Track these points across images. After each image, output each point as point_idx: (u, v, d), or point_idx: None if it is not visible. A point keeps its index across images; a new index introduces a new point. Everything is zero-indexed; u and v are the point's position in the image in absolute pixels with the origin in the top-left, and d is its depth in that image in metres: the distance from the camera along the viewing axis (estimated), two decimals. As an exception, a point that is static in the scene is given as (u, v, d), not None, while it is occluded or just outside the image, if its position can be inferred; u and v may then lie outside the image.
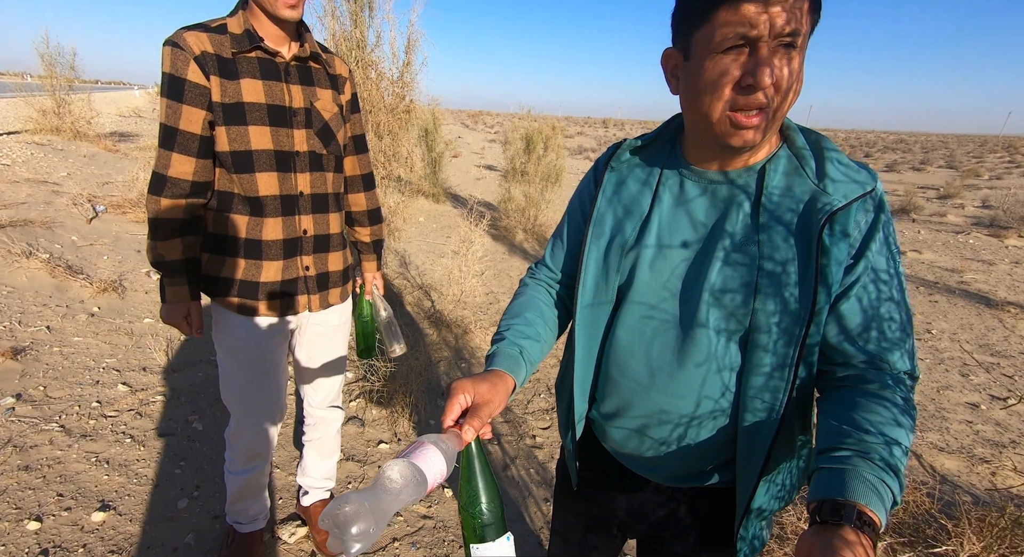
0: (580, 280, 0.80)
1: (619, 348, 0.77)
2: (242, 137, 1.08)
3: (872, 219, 0.65)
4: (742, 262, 0.67)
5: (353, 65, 2.75)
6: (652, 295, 0.74)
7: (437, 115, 8.00)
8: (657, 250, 0.74)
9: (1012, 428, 2.62)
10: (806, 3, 0.57)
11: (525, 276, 0.96)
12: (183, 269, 1.15)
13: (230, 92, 1.06)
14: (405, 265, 4.77)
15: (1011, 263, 5.80)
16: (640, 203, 0.77)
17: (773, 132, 0.66)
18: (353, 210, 1.44)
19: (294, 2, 1.05)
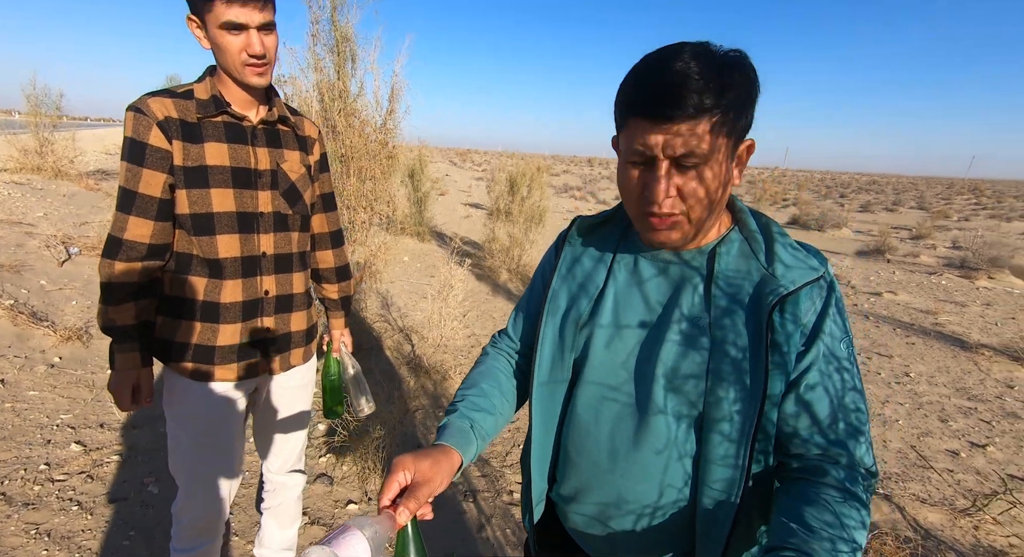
0: (536, 355, 0.79)
1: (577, 429, 0.76)
2: (203, 200, 1.09)
3: (823, 304, 0.65)
4: (694, 345, 0.67)
5: (336, 114, 2.81)
6: (608, 375, 0.74)
7: (423, 155, 8.17)
8: (612, 329, 0.74)
9: (992, 477, 2.61)
10: (706, 127, 0.58)
11: (488, 344, 0.95)
12: (135, 334, 1.13)
13: (193, 155, 1.08)
14: (387, 306, 4.72)
15: (982, 305, 5.94)
16: (594, 280, 0.78)
17: (703, 230, 0.68)
18: (321, 267, 1.43)
19: (261, 70, 1.08)
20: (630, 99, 0.61)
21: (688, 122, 0.58)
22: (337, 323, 1.50)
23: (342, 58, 2.65)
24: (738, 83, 0.59)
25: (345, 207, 3.38)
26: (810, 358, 0.64)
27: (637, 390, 0.71)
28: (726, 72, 0.59)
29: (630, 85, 0.62)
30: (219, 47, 1.04)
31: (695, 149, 0.59)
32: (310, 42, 2.52)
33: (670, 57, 0.59)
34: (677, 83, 0.57)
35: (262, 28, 1.04)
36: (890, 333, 4.86)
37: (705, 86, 0.57)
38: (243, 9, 1.00)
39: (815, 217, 12.98)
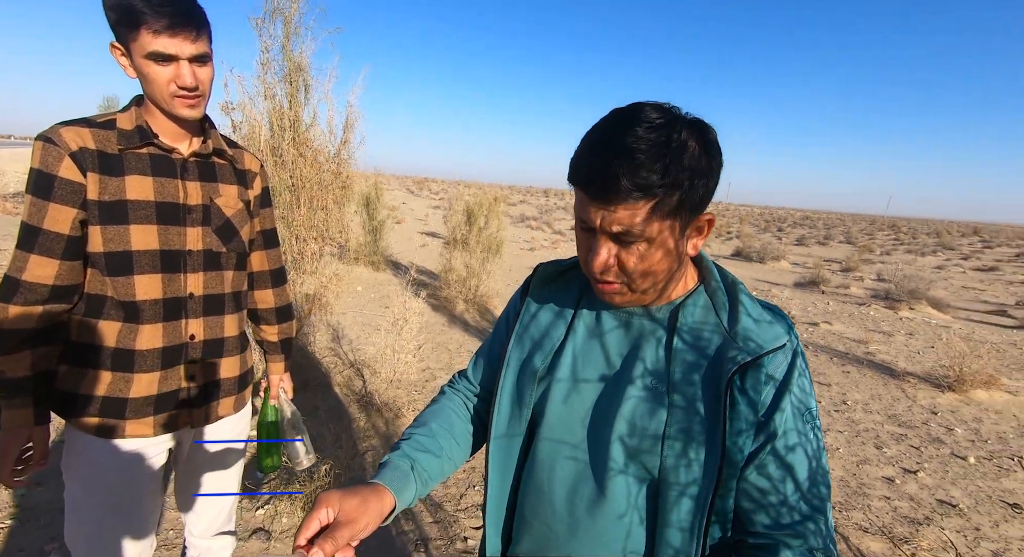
0: (495, 406, 0.76)
1: (532, 489, 0.73)
2: (120, 237, 1.01)
3: (785, 375, 0.63)
4: (652, 407, 0.65)
5: (286, 143, 2.73)
6: (565, 432, 0.71)
7: (379, 184, 8.09)
8: (571, 383, 0.72)
9: (924, 503, 2.74)
10: (645, 210, 0.57)
11: (445, 384, 0.92)
12: (29, 387, 0.99)
13: (111, 189, 1.00)
14: (338, 339, 4.54)
15: (906, 335, 6.42)
16: (555, 331, 0.76)
17: (651, 293, 0.67)
18: (260, 307, 1.35)
19: (193, 102, 1.02)
20: (573, 171, 0.61)
21: (625, 205, 0.57)
22: (276, 367, 1.40)
23: (295, 87, 2.61)
24: (688, 163, 0.57)
25: (295, 238, 3.26)
26: (770, 431, 0.62)
27: (593, 450, 0.68)
28: (674, 152, 0.56)
29: (576, 156, 0.62)
30: (145, 77, 0.98)
31: (634, 229, 0.59)
32: (260, 70, 2.46)
33: (616, 132, 0.58)
34: (615, 167, 0.56)
35: (195, 60, 0.99)
36: (827, 362, 5.13)
37: (648, 169, 0.55)
38: (172, 40, 0.94)
39: (756, 250, 13.77)
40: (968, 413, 4.03)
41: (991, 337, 6.61)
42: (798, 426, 0.63)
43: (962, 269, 15.27)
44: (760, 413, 0.62)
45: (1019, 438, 3.64)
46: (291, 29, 2.43)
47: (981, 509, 2.72)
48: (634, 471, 0.66)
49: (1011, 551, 2.38)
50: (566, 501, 0.69)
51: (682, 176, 0.57)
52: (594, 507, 0.67)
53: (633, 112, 0.59)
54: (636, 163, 0.56)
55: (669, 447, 0.63)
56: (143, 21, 0.92)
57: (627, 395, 0.66)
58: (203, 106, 1.06)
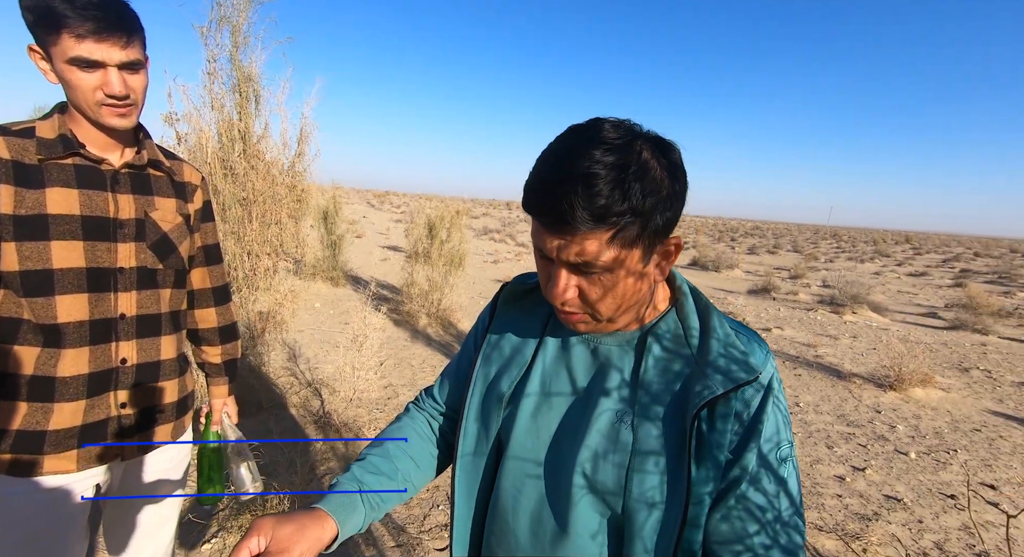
0: (461, 426, 0.74)
1: (499, 517, 0.71)
2: (39, 254, 0.92)
3: (756, 411, 0.59)
4: (615, 441, 0.62)
5: (236, 156, 2.63)
6: (531, 460, 0.69)
7: (338, 197, 7.92)
8: (536, 408, 0.70)
9: (872, 499, 2.87)
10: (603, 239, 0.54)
11: (411, 402, 0.89)
12: None
13: (28, 202, 0.91)
14: (294, 358, 4.37)
15: (850, 337, 6.78)
16: (523, 351, 0.74)
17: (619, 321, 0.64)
18: (201, 328, 1.27)
19: (123, 111, 0.96)
20: (526, 199, 0.57)
21: (583, 235, 0.53)
22: (219, 391, 1.32)
23: (244, 98, 2.52)
24: (650, 187, 0.53)
25: (247, 253, 3.13)
26: (738, 471, 0.58)
27: (557, 482, 0.66)
28: (634, 176, 0.52)
29: (528, 182, 0.57)
30: (68, 84, 0.91)
31: (593, 260, 0.55)
32: (206, 80, 2.37)
33: (572, 155, 0.53)
34: (571, 196, 0.51)
35: (125, 67, 0.93)
36: (781, 366, 5.34)
37: (606, 197, 0.51)
38: (99, 45, 0.88)
39: (712, 259, 14.29)
40: (908, 410, 4.27)
41: (925, 338, 7.08)
42: (771, 464, 0.59)
43: (897, 274, 16.37)
44: (727, 452, 0.58)
45: (953, 433, 3.89)
46: (240, 38, 2.36)
47: (923, 502, 2.87)
48: (598, 507, 0.63)
49: (951, 541, 2.52)
50: (530, 535, 0.67)
51: (644, 202, 0.53)
52: (557, 542, 0.65)
53: (590, 131, 0.55)
54: (593, 191, 0.51)
55: (633, 483, 0.59)
56: (65, 24, 0.86)
57: (591, 427, 0.63)
58: (135, 115, 0.99)
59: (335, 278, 7.50)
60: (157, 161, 1.08)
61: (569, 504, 0.63)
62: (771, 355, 0.63)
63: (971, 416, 4.25)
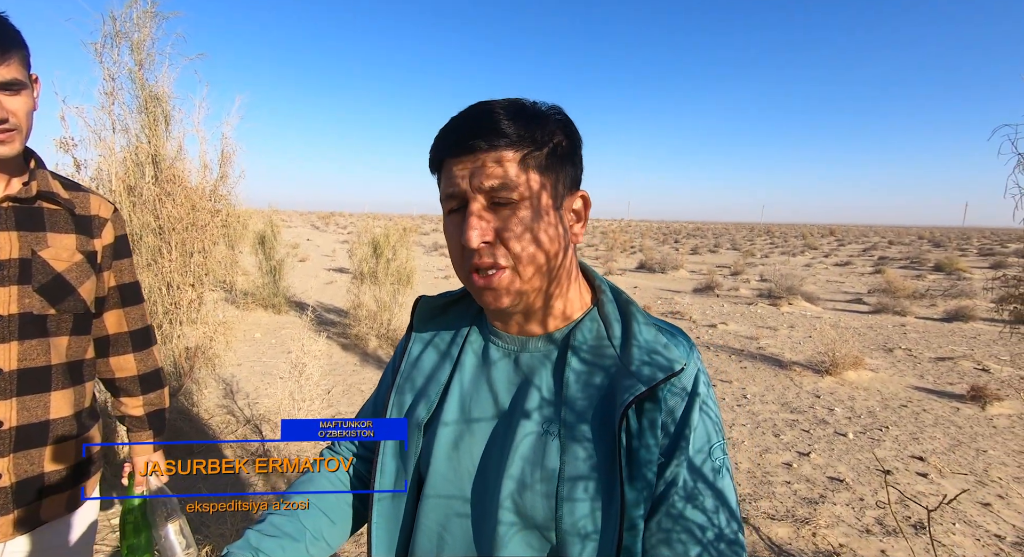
0: (377, 463, 0.67)
1: (422, 554, 0.64)
2: None
3: (682, 417, 0.56)
4: (542, 457, 0.57)
5: (147, 181, 2.44)
6: (452, 488, 0.63)
7: (274, 221, 7.58)
8: (457, 430, 0.64)
9: (818, 482, 2.99)
10: (514, 157, 0.56)
11: (325, 447, 0.81)
12: None
13: None
14: (231, 394, 4.08)
15: (788, 327, 7.16)
16: (439, 373, 0.68)
17: (551, 308, 0.62)
18: (118, 377, 1.13)
19: (4, 137, 0.85)
20: (438, 143, 0.60)
21: (494, 151, 0.56)
22: (143, 448, 1.17)
23: (152, 119, 2.34)
24: (547, 124, 0.59)
25: (167, 285, 2.90)
26: (671, 472, 0.55)
27: (483, 509, 0.60)
28: (532, 113, 0.59)
29: (437, 139, 0.61)
30: None
31: (505, 180, 0.55)
32: (105, 101, 2.18)
33: (475, 104, 0.60)
34: (478, 116, 0.57)
35: (2, 88, 0.83)
36: (727, 360, 5.54)
37: (511, 118, 0.56)
38: None
39: (658, 261, 14.79)
40: (843, 393, 4.53)
41: (853, 323, 7.59)
42: (702, 463, 0.56)
43: (825, 265, 17.58)
44: (659, 454, 0.55)
45: (884, 410, 4.15)
46: (142, 56, 2.19)
47: (863, 480, 3.02)
48: (532, 541, 0.58)
49: (889, 515, 2.66)
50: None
51: (545, 134, 0.58)
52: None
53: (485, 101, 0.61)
54: (499, 114, 0.57)
55: (564, 512, 0.55)
56: None
57: (515, 452, 0.58)
58: (18, 142, 0.88)
59: (276, 305, 7.13)
60: (50, 193, 0.96)
61: (499, 543, 0.57)
62: (696, 351, 0.61)
63: (898, 393, 4.56)
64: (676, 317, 7.79)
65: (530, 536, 0.58)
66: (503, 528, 0.57)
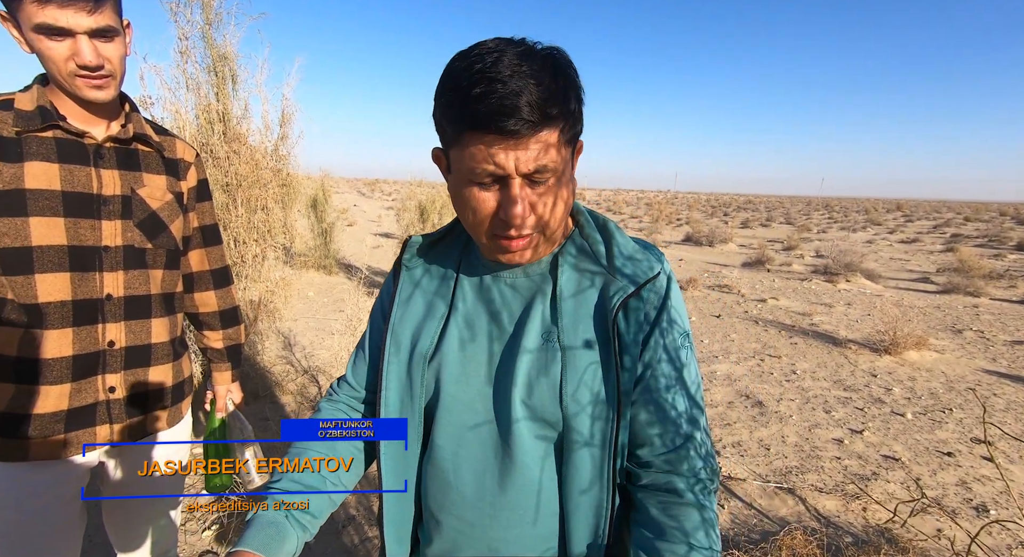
0: (381, 401, 0.69)
1: (437, 482, 0.68)
2: (17, 231, 0.89)
3: (662, 301, 0.66)
4: (547, 361, 0.64)
5: (216, 139, 2.55)
6: (465, 411, 0.66)
7: (327, 185, 7.80)
8: (462, 359, 0.68)
9: (871, 460, 2.91)
10: (554, 139, 0.56)
11: (322, 399, 0.83)
12: None
13: (6, 177, 0.88)
14: (289, 347, 4.33)
15: (845, 305, 6.82)
16: (438, 305, 0.71)
17: (551, 240, 0.66)
18: (201, 311, 1.23)
19: (100, 82, 0.91)
20: (467, 112, 0.54)
21: (536, 134, 0.54)
22: (222, 377, 1.28)
23: (221, 78, 2.43)
24: (570, 86, 0.57)
25: (233, 240, 3.07)
26: (648, 358, 0.64)
27: (497, 423, 0.65)
28: (557, 75, 0.55)
29: (461, 95, 0.54)
30: (40, 54, 0.87)
31: (547, 163, 0.56)
32: (179, 59, 2.27)
33: (496, 61, 0.53)
34: (516, 92, 0.52)
35: (96, 34, 0.87)
36: (776, 335, 5.37)
37: (545, 93, 0.53)
38: (63, 11, 0.83)
39: (705, 234, 14.29)
40: (903, 373, 4.32)
41: (918, 302, 7.13)
42: (675, 350, 0.66)
43: (889, 242, 16.45)
44: (644, 340, 0.65)
45: (948, 392, 3.93)
46: (211, 15, 2.26)
47: (920, 460, 2.91)
48: (541, 433, 0.64)
49: (948, 496, 2.56)
50: (475, 485, 0.65)
51: (575, 101, 0.57)
52: (504, 481, 0.64)
53: (496, 45, 0.55)
54: (542, 86, 0.53)
55: (568, 397, 0.62)
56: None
57: (521, 357, 0.64)
58: (114, 87, 0.94)
59: (328, 266, 7.43)
60: (144, 135, 1.03)
61: (513, 440, 0.64)
62: (665, 258, 0.69)
63: (965, 376, 4.30)
64: (723, 290, 7.57)
65: (539, 427, 0.64)
66: (516, 425, 0.63)
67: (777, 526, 2.24)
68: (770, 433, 3.21)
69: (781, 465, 2.82)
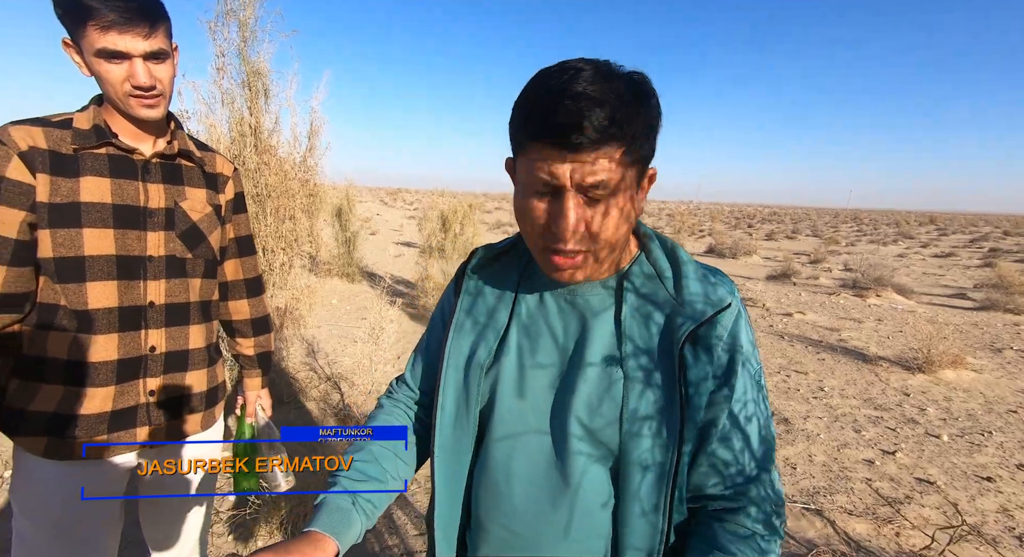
0: (438, 405, 0.71)
1: (488, 491, 0.69)
2: (72, 241, 0.94)
3: (734, 336, 0.63)
4: (608, 385, 0.63)
5: (248, 151, 2.64)
6: (520, 424, 0.67)
7: (351, 194, 7.96)
8: (519, 372, 0.68)
9: (904, 482, 2.79)
10: (614, 155, 0.55)
11: (382, 395, 0.85)
12: None
13: (63, 191, 0.93)
14: (313, 353, 4.41)
15: (875, 321, 6.61)
16: (498, 317, 0.72)
17: (609, 262, 0.65)
18: (234, 319, 1.28)
19: (151, 101, 0.97)
20: (533, 123, 0.56)
21: (596, 150, 0.54)
22: (253, 383, 1.32)
23: (254, 93, 2.52)
24: (643, 108, 0.57)
25: (262, 249, 3.16)
26: (726, 393, 0.62)
27: (552, 439, 0.65)
28: (630, 96, 0.55)
29: (532, 107, 0.57)
30: (98, 76, 0.93)
31: (604, 179, 0.55)
32: (216, 75, 2.37)
33: (572, 78, 0.54)
34: (583, 108, 0.53)
35: (150, 57, 0.93)
36: (803, 351, 5.23)
37: (612, 112, 0.53)
38: (122, 37, 0.89)
39: (728, 246, 14.06)
40: (938, 393, 4.15)
41: (954, 319, 6.87)
42: (752, 384, 0.64)
43: (922, 256, 15.91)
44: (715, 375, 0.62)
45: (987, 414, 3.76)
46: (247, 33, 2.36)
47: (957, 484, 2.78)
48: (596, 454, 0.64)
49: (988, 523, 2.44)
50: (525, 498, 0.65)
51: (641, 122, 0.56)
52: (558, 499, 0.64)
53: (578, 62, 0.57)
54: (601, 106, 0.53)
55: (629, 423, 0.61)
56: (90, 16, 0.87)
57: (581, 376, 0.64)
58: (164, 106, 1.01)
59: (350, 274, 7.56)
60: (188, 151, 1.09)
61: (567, 461, 0.63)
62: (736, 287, 0.67)
63: (1006, 397, 4.10)
64: (748, 304, 7.42)
65: (597, 451, 0.64)
66: (572, 443, 0.63)
67: (804, 548, 2.17)
68: (797, 451, 3.12)
69: (808, 485, 2.73)
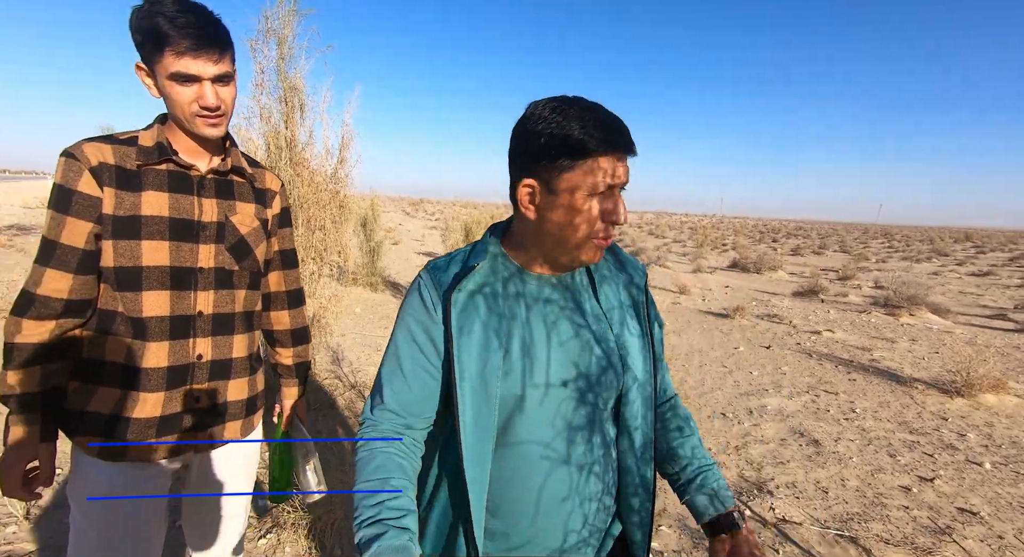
0: (460, 427, 0.77)
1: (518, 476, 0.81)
2: (131, 252, 1.00)
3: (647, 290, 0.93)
4: (605, 345, 0.84)
5: (283, 164, 2.73)
6: (543, 432, 0.80)
7: (376, 205, 8.11)
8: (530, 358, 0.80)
9: (944, 512, 2.67)
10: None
11: (364, 429, 0.83)
12: (38, 403, 0.97)
13: (127, 204, 0.99)
14: (338, 361, 4.47)
15: (909, 340, 6.38)
16: (498, 326, 0.80)
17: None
18: (275, 329, 1.31)
19: (215, 121, 1.03)
20: (600, 138, 0.73)
21: (628, 159, 0.79)
22: (290, 392, 1.35)
23: (290, 107, 2.61)
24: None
25: (292, 258, 3.24)
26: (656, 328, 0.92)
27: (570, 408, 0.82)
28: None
29: (598, 128, 0.73)
30: (169, 97, 0.99)
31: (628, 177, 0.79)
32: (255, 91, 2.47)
33: (602, 108, 0.76)
34: (626, 130, 0.76)
35: (217, 80, 0.99)
36: (832, 370, 5.08)
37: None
38: (195, 61, 0.95)
39: (753, 261, 13.81)
40: (979, 418, 3.97)
41: (994, 341, 6.58)
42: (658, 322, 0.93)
43: (958, 274, 15.33)
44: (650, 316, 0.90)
45: (1033, 442, 3.58)
46: (285, 50, 2.45)
47: (1003, 516, 2.65)
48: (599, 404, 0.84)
49: (1037, 559, 2.31)
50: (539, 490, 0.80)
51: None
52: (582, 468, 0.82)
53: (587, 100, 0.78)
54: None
55: (626, 364, 0.85)
56: (168, 43, 0.93)
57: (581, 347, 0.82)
58: (225, 125, 1.06)
59: (374, 284, 7.67)
60: (240, 168, 1.14)
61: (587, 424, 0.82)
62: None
63: (1053, 424, 3.90)
64: (773, 320, 7.26)
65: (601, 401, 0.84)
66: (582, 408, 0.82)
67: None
68: (828, 475, 3.02)
69: (841, 511, 2.63)
